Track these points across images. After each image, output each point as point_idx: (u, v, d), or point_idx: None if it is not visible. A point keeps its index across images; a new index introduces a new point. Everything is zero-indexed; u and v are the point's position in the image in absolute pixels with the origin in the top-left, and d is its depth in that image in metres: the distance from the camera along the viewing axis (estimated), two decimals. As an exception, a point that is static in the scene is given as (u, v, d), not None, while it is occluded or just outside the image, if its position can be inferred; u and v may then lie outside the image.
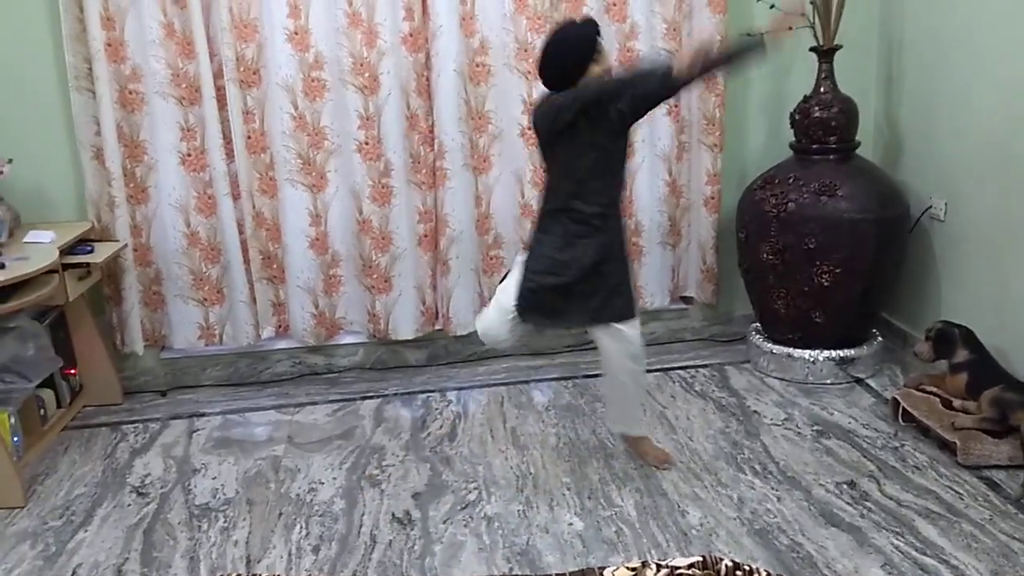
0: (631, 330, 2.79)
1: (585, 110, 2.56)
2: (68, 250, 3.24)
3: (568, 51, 2.62)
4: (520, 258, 2.83)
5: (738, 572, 0.94)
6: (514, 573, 2.36)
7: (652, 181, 3.83)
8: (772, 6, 3.44)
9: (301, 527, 2.72)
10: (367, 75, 3.49)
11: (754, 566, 0.95)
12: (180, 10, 3.36)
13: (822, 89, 3.53)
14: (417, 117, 3.59)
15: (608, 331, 2.79)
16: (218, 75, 3.44)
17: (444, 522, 2.72)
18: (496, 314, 2.85)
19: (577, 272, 2.68)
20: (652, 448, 3.02)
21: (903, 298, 3.81)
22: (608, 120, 2.57)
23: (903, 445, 3.06)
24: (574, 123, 2.58)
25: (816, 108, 3.51)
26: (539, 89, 3.54)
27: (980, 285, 3.35)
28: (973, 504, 2.68)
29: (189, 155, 3.51)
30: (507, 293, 2.80)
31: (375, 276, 3.70)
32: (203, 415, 3.52)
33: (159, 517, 2.80)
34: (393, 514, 2.77)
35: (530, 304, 2.75)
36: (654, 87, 2.55)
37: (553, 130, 2.65)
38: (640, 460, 3.00)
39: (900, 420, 3.18)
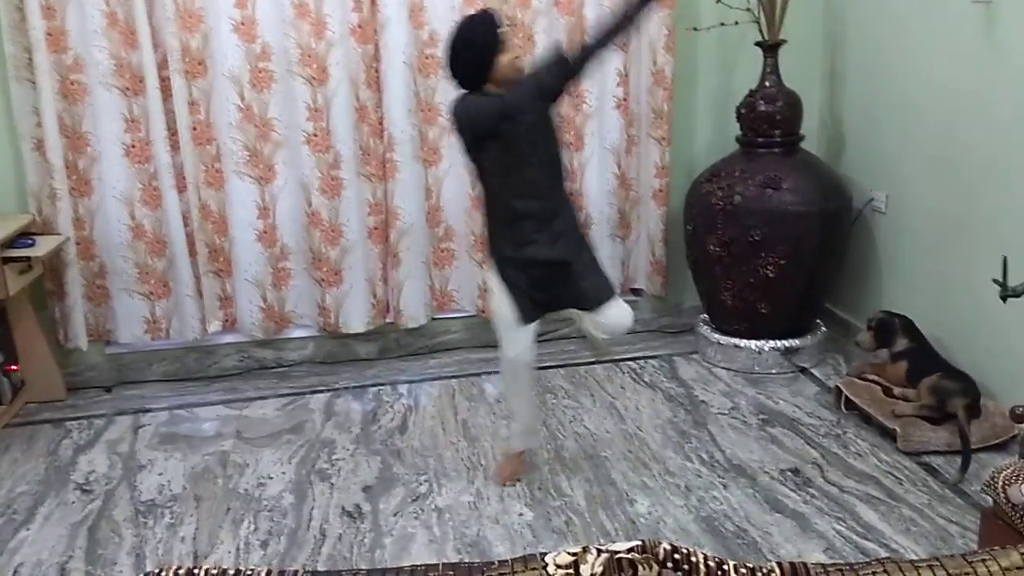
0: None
1: (506, 117, 2.53)
2: (8, 244, 3.17)
3: (472, 50, 2.55)
4: (496, 278, 2.71)
5: (676, 555, 0.96)
6: (454, 562, 2.36)
7: (602, 174, 3.86)
8: (718, 0, 3.49)
9: (249, 522, 2.70)
10: (315, 66, 3.47)
11: (692, 549, 0.97)
12: (123, -1, 3.31)
13: (767, 83, 3.59)
14: (367, 109, 3.58)
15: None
16: (162, 65, 3.39)
17: (394, 515, 2.72)
18: (521, 336, 2.75)
19: (567, 258, 2.71)
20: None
21: (846, 289, 3.89)
22: (527, 120, 2.56)
23: (845, 432, 3.13)
24: (497, 131, 2.54)
25: (761, 102, 3.57)
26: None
27: (920, 276, 3.44)
28: (912, 489, 2.75)
29: (133, 146, 3.46)
30: (507, 318, 2.72)
31: (325, 269, 3.68)
32: (149, 411, 3.47)
33: (104, 514, 2.76)
34: (343, 507, 2.76)
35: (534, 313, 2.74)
36: (553, 78, 2.56)
37: (480, 136, 2.59)
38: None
39: (843, 408, 3.25)
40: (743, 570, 0.97)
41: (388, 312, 3.86)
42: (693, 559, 0.99)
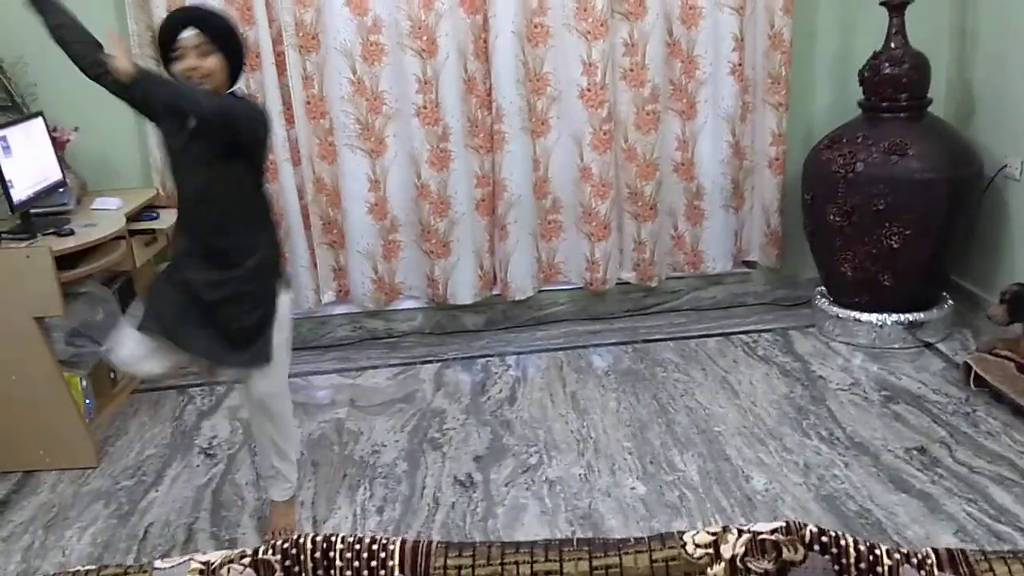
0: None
1: None
2: (134, 217, 3.29)
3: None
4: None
5: (823, 538, 0.91)
6: (590, 537, 2.35)
7: (715, 143, 3.75)
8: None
9: (365, 488, 2.75)
10: (425, 38, 3.46)
11: (840, 532, 0.92)
12: (239, -24, 3.37)
13: (892, 45, 3.41)
14: (475, 80, 3.56)
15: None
16: (277, 40, 3.45)
17: (506, 485, 2.72)
18: None
19: None
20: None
21: (975, 260, 3.69)
22: None
23: (975, 411, 2.98)
24: None
25: (886, 65, 3.40)
26: (599, 49, 3.53)
27: (1058, 246, 3.24)
28: (1050, 471, 2.61)
29: (250, 121, 3.53)
30: None
31: (433, 241, 3.70)
32: (267, 379, 3.56)
33: (227, 478, 2.86)
34: (455, 477, 2.78)
35: None
36: None
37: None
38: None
39: (972, 385, 3.10)
40: (897, 555, 0.91)
41: (495, 284, 3.86)
42: (842, 543, 0.94)
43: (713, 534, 0.93)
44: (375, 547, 1.06)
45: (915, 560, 0.92)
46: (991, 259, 3.62)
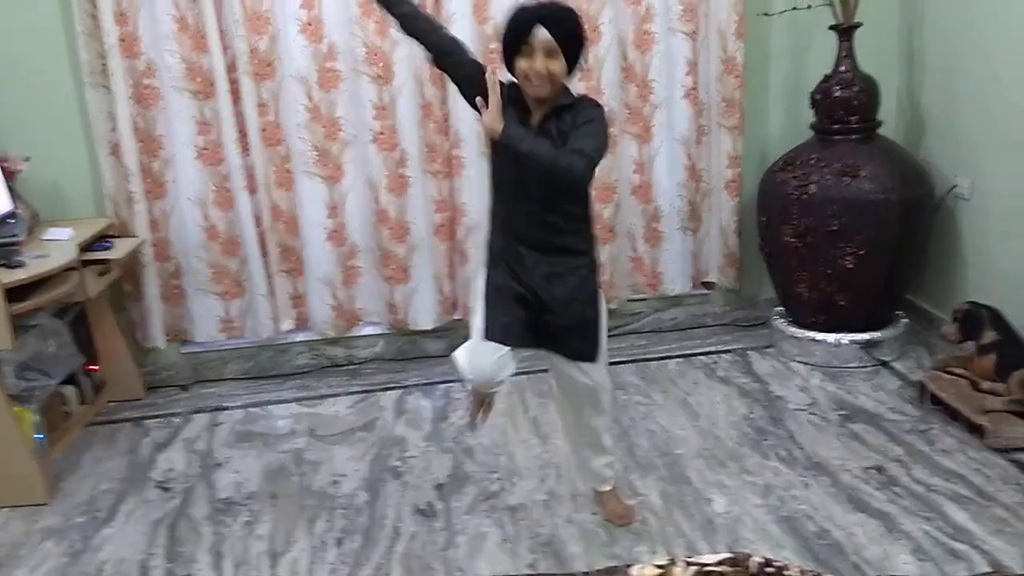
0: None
1: None
2: (87, 247, 3.24)
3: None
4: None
5: (768, 569, 0.91)
6: (539, 572, 2.34)
7: (671, 165, 3.79)
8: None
9: (325, 520, 2.71)
10: (381, 65, 3.47)
11: (784, 561, 0.92)
12: (192, 3, 3.34)
13: (842, 68, 3.47)
14: (432, 106, 3.56)
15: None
16: (232, 68, 3.42)
17: (467, 513, 2.70)
18: None
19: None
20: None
21: (928, 279, 3.75)
22: None
23: (931, 428, 3.01)
24: None
25: (837, 88, 3.46)
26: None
27: (1007, 264, 3.29)
28: (1004, 487, 2.64)
29: (205, 149, 3.51)
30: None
31: (393, 267, 3.68)
32: (225, 408, 3.52)
33: (183, 512, 2.81)
34: (416, 506, 2.76)
35: None
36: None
37: None
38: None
39: (927, 403, 3.14)
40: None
41: (456, 309, 3.85)
42: (787, 573, 0.94)
43: (660, 566, 0.92)
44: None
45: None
46: (944, 278, 3.68)
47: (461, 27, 3.44)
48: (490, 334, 2.28)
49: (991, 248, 3.39)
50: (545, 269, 2.31)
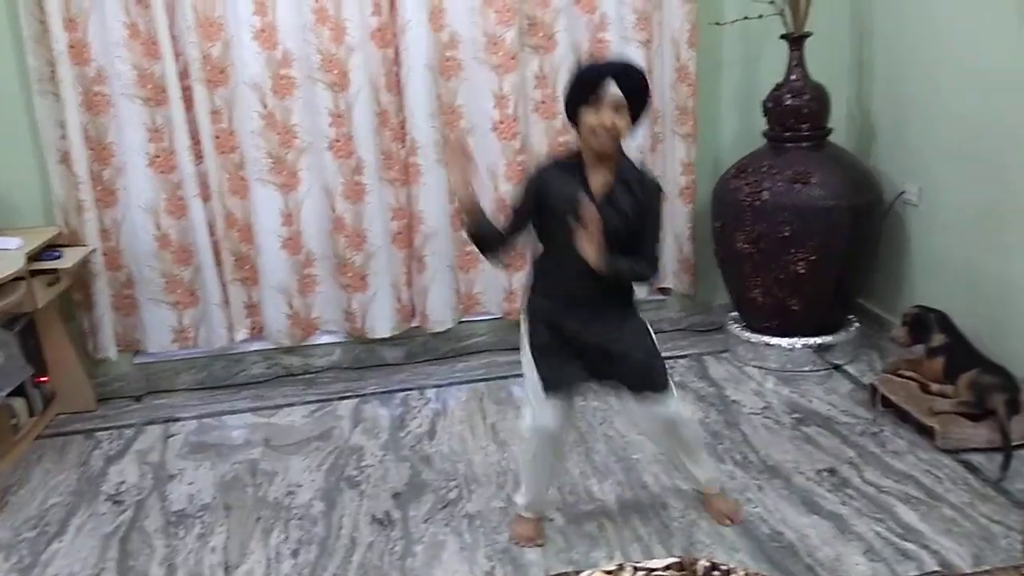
0: None
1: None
2: (36, 256, 3.18)
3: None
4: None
5: (715, 572, 0.92)
6: (496, 572, 2.33)
7: (626, 172, 3.81)
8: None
9: (280, 531, 2.69)
10: (336, 72, 3.45)
11: (731, 565, 0.93)
12: (144, 10, 3.31)
13: (793, 77, 3.53)
14: (388, 113, 3.56)
15: None
16: (184, 75, 3.39)
17: (424, 522, 2.69)
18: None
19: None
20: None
21: (879, 284, 3.82)
22: None
23: (882, 431, 3.07)
24: None
25: (788, 96, 3.51)
26: (510, 82, 3.56)
27: (955, 269, 3.36)
28: (953, 488, 2.69)
29: (157, 156, 3.46)
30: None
31: (350, 274, 3.67)
32: (178, 420, 3.47)
33: (135, 525, 2.76)
34: (373, 515, 2.74)
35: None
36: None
37: None
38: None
39: (879, 406, 3.19)
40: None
41: (414, 316, 3.84)
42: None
43: (608, 572, 0.93)
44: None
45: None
46: (894, 282, 3.75)
47: (416, 35, 3.45)
48: (549, 385, 2.37)
49: (939, 253, 3.46)
50: (598, 326, 2.37)
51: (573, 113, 2.28)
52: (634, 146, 3.77)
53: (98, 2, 3.28)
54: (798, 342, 3.56)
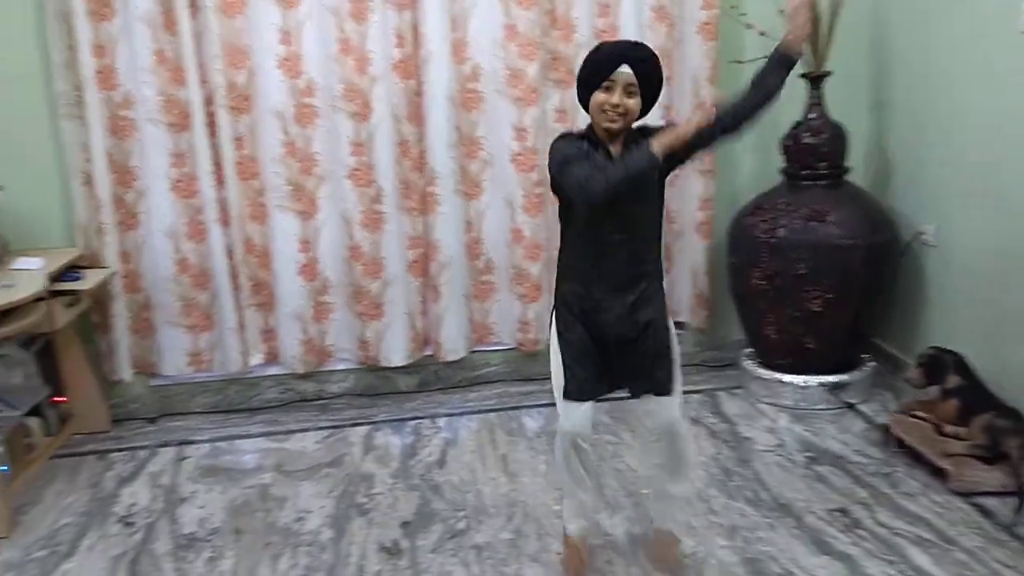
0: None
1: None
2: (56, 277, 3.21)
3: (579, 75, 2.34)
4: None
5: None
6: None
7: (643, 207, 3.83)
8: (762, 33, 3.47)
9: (289, 557, 2.69)
10: (359, 101, 3.50)
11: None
12: (171, 37, 3.37)
13: (812, 115, 3.54)
14: (408, 143, 3.59)
15: None
16: (209, 101, 3.44)
17: (432, 551, 2.69)
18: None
19: None
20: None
21: (895, 323, 3.80)
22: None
23: (895, 471, 3.04)
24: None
25: (806, 134, 3.52)
26: (531, 115, 3.60)
27: (971, 311, 3.34)
28: (966, 531, 2.66)
29: (180, 181, 3.51)
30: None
31: (365, 302, 3.69)
32: (192, 443, 3.49)
33: (145, 548, 2.77)
34: (381, 544, 2.74)
35: None
36: (600, 179, 2.21)
37: None
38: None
39: (892, 446, 3.17)
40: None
41: (428, 345, 3.86)
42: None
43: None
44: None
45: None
46: (910, 323, 3.73)
47: (439, 67, 3.49)
48: (571, 394, 2.37)
49: (956, 294, 3.45)
50: (630, 298, 2.35)
51: (585, 96, 2.29)
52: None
53: (127, 29, 3.34)
54: (812, 380, 3.55)
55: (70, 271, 3.31)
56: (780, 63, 2.31)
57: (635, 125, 2.32)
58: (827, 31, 3.48)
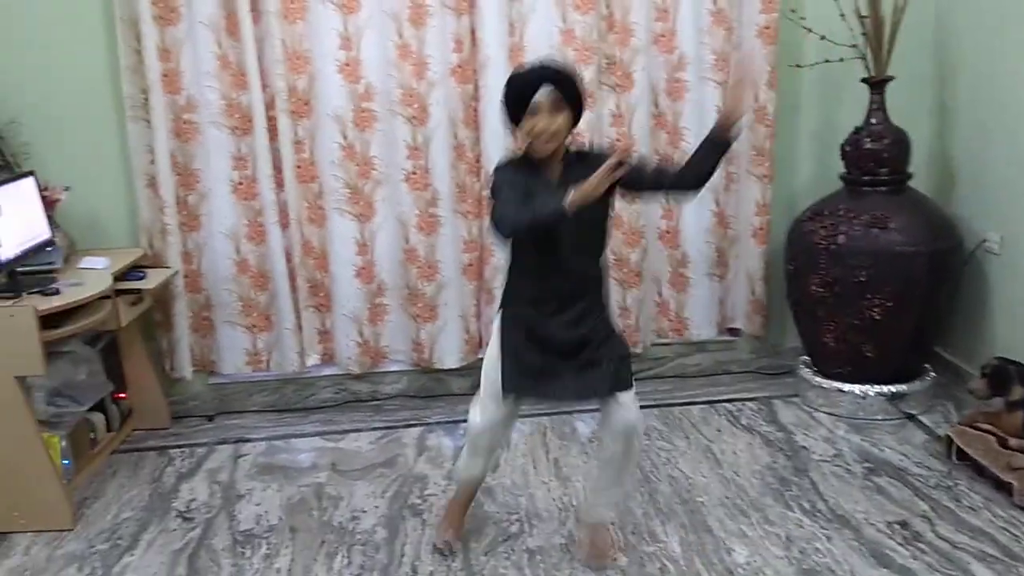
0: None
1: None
2: (121, 276, 3.29)
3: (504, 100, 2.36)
4: None
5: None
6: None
7: (699, 212, 3.80)
8: (823, 37, 3.43)
9: (343, 556, 2.72)
10: (416, 106, 3.53)
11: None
12: (234, 42, 3.43)
13: (873, 120, 3.49)
14: (464, 147, 3.61)
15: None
16: (270, 105, 3.50)
17: (485, 554, 2.69)
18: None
19: None
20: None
21: (957, 333, 3.72)
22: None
23: (957, 484, 2.98)
24: None
25: (867, 140, 3.47)
26: (587, 120, 3.56)
27: (1038, 321, 3.26)
28: (1031, 548, 2.60)
29: (241, 184, 3.57)
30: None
31: (420, 305, 3.71)
32: (249, 440, 3.54)
33: (203, 543, 2.82)
34: (434, 545, 2.75)
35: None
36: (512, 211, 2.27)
37: None
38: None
39: (954, 458, 3.10)
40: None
41: (481, 348, 3.87)
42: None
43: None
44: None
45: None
46: (973, 332, 3.65)
47: (496, 71, 3.50)
48: (507, 386, 2.45)
49: (1020, 303, 3.36)
50: (579, 306, 2.40)
51: (513, 123, 2.32)
52: (707, 185, 3.74)
53: (191, 34, 3.41)
54: (871, 389, 3.49)
55: (134, 271, 3.39)
56: (715, 148, 2.33)
57: (576, 149, 2.37)
58: (890, 35, 3.42)
